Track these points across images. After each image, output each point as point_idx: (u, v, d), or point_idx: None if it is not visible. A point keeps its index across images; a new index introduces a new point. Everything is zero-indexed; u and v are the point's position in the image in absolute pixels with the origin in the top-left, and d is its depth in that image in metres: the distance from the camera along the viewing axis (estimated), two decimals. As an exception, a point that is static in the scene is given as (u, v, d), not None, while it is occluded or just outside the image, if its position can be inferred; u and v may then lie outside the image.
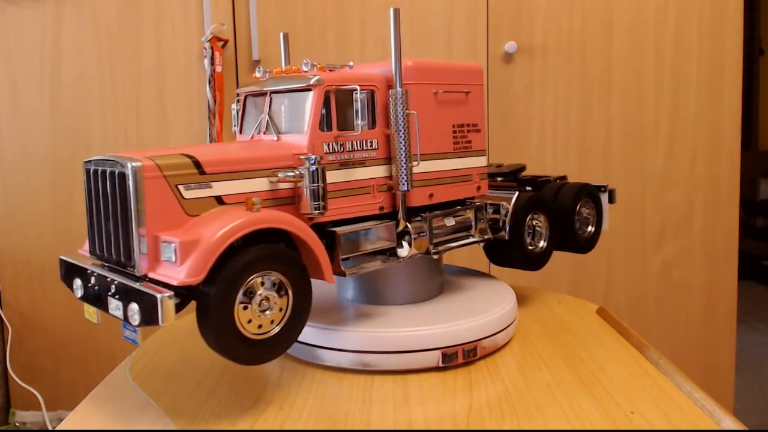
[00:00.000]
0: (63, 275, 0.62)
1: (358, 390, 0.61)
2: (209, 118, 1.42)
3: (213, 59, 1.40)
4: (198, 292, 0.52)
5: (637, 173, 1.47)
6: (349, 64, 0.68)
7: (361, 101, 0.62)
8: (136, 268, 0.53)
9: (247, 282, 0.53)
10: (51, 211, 1.50)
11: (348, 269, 0.63)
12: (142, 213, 0.53)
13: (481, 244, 0.77)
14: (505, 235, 0.75)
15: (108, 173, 0.55)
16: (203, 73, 1.43)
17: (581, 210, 0.83)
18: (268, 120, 0.66)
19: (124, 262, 0.55)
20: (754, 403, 1.92)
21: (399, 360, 0.64)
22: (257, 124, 0.67)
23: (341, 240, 0.62)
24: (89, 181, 0.58)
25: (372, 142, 0.65)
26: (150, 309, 0.50)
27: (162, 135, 1.47)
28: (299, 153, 0.61)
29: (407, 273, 0.73)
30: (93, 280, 0.57)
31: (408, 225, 0.67)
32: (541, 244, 0.79)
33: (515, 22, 1.43)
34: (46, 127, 1.48)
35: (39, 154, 1.49)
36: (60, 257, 0.62)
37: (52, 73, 1.47)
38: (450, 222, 0.71)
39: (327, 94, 0.62)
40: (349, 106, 0.63)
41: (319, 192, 0.59)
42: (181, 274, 0.50)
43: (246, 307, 0.53)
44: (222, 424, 0.55)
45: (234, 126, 0.71)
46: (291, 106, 0.65)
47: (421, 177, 0.68)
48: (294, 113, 0.64)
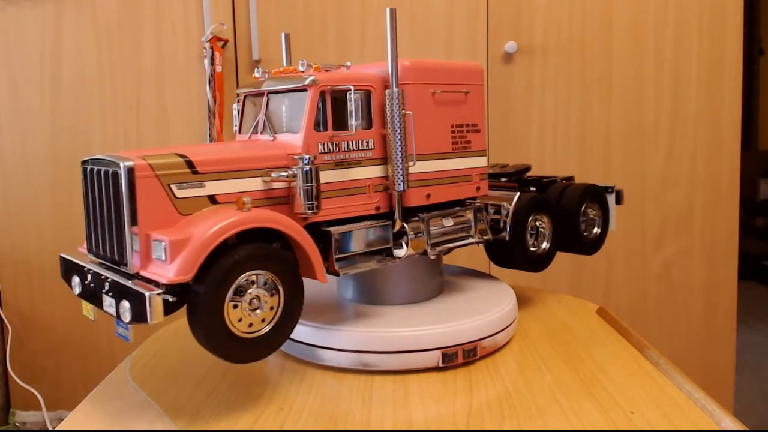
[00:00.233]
0: (63, 273, 0.63)
1: (358, 390, 0.61)
2: (209, 118, 1.42)
3: (213, 59, 1.40)
4: (189, 290, 0.52)
5: (637, 173, 1.47)
6: (347, 64, 0.68)
7: (356, 101, 0.62)
8: (128, 266, 0.54)
9: (238, 281, 0.53)
10: (51, 211, 1.50)
11: (341, 269, 0.63)
12: (135, 212, 0.53)
13: (480, 244, 0.77)
14: (505, 236, 0.74)
15: (103, 172, 0.56)
16: (203, 73, 1.43)
17: (587, 211, 0.82)
18: (264, 120, 0.66)
19: (117, 260, 0.55)
20: (754, 403, 1.92)
21: (399, 360, 0.64)
22: (254, 124, 0.67)
23: (335, 239, 0.62)
24: (86, 180, 0.59)
25: (368, 142, 0.65)
26: (139, 306, 0.50)
27: (162, 135, 1.47)
28: (294, 153, 0.61)
29: (407, 273, 0.73)
30: (89, 278, 0.58)
31: (405, 225, 0.67)
32: (544, 245, 0.79)
33: (515, 22, 1.43)
34: (46, 127, 1.48)
35: (39, 154, 1.49)
36: (60, 255, 0.63)
37: (52, 73, 1.47)
38: (448, 222, 0.71)
39: (322, 94, 0.62)
40: (345, 107, 0.63)
41: (313, 192, 0.59)
42: (171, 272, 0.51)
43: (236, 305, 0.53)
44: (222, 424, 0.55)
45: (235, 126, 0.71)
46: (287, 106, 0.65)
47: (418, 177, 0.67)
48: (290, 113, 0.65)
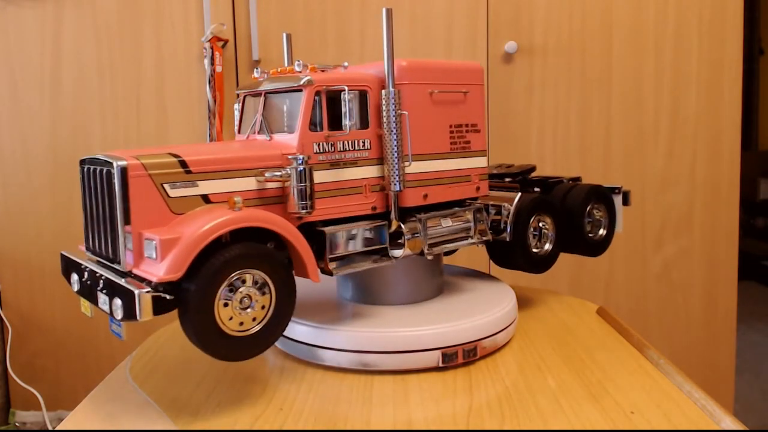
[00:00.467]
0: (63, 270, 0.63)
1: (358, 390, 0.61)
2: (209, 118, 1.42)
3: (213, 59, 1.40)
4: (180, 288, 0.53)
5: (637, 173, 1.47)
6: (344, 64, 0.68)
7: (350, 102, 0.62)
8: (121, 264, 0.55)
9: (228, 279, 0.54)
10: (51, 211, 1.50)
11: (335, 269, 0.63)
12: (128, 210, 0.54)
13: (480, 245, 0.77)
14: (506, 237, 0.74)
15: (98, 171, 0.57)
16: (203, 73, 1.43)
17: (593, 212, 0.82)
18: (261, 120, 0.66)
19: (112, 257, 0.56)
20: (754, 403, 1.92)
21: (399, 360, 0.64)
22: (252, 124, 0.68)
23: (329, 239, 0.62)
24: (83, 179, 0.59)
25: (364, 143, 0.65)
26: (130, 304, 0.51)
27: (162, 135, 1.47)
28: (288, 153, 0.61)
29: (407, 273, 0.73)
30: (86, 275, 0.58)
31: (401, 225, 0.67)
32: (547, 246, 0.78)
33: (515, 22, 1.43)
34: (46, 127, 1.48)
35: (39, 154, 1.49)
36: (61, 252, 0.64)
37: (52, 73, 1.47)
38: (447, 223, 0.70)
39: (317, 94, 0.63)
40: (341, 107, 0.63)
41: (307, 191, 0.59)
42: (161, 270, 0.51)
43: (227, 304, 0.54)
44: (222, 424, 0.55)
45: (236, 126, 0.72)
46: (283, 106, 0.65)
47: (414, 177, 0.67)
48: (286, 113, 0.65)
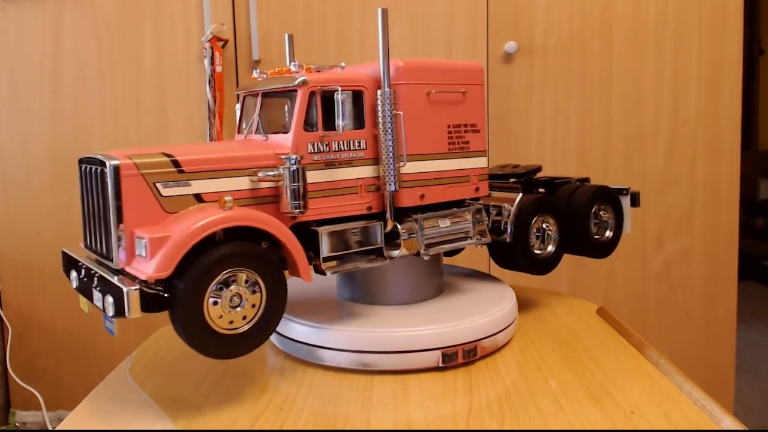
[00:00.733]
0: (64, 267, 0.64)
1: (358, 390, 0.61)
2: (209, 118, 1.42)
3: (213, 59, 1.40)
4: (170, 286, 0.54)
5: (637, 173, 1.47)
6: (341, 64, 0.69)
7: (343, 102, 0.63)
8: (114, 261, 0.55)
9: (218, 278, 0.54)
10: (51, 211, 1.50)
11: (328, 268, 0.63)
12: (120, 209, 0.55)
13: (479, 246, 0.77)
14: (507, 238, 0.74)
15: (93, 171, 0.57)
16: (203, 73, 1.43)
17: (599, 213, 0.81)
18: (258, 120, 0.66)
19: (106, 255, 0.57)
20: (754, 403, 1.92)
21: (399, 360, 0.64)
22: (250, 124, 0.68)
23: (323, 239, 0.63)
24: (81, 178, 0.60)
25: (360, 143, 0.65)
26: (119, 301, 0.52)
27: (162, 135, 1.47)
28: (282, 153, 0.61)
29: (407, 273, 0.73)
30: (83, 273, 0.59)
31: (397, 225, 0.67)
32: (549, 248, 0.77)
33: (515, 22, 1.43)
34: (46, 127, 1.48)
35: (39, 154, 1.49)
36: (62, 250, 0.65)
37: (52, 73, 1.47)
38: (445, 223, 0.70)
39: (312, 94, 0.63)
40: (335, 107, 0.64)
41: (299, 191, 0.59)
42: (150, 268, 0.52)
43: (216, 302, 0.54)
44: (222, 424, 0.55)
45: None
46: (279, 106, 0.66)
47: (411, 177, 0.67)
48: (281, 113, 0.65)
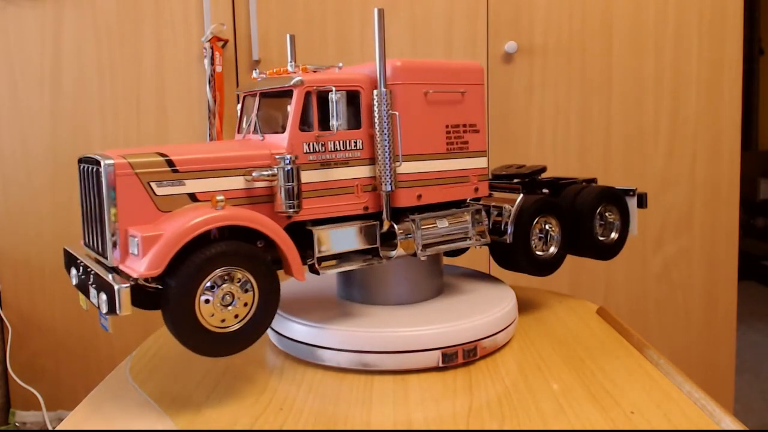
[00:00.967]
0: (65, 264, 0.65)
1: (358, 390, 0.61)
2: (209, 118, 1.42)
3: (213, 59, 1.40)
4: (163, 284, 0.54)
5: (637, 173, 1.47)
6: (338, 65, 0.69)
7: (337, 102, 0.63)
8: (109, 259, 0.56)
9: (209, 276, 0.54)
10: (51, 211, 1.50)
11: (322, 268, 0.63)
12: (115, 208, 0.55)
13: (479, 247, 0.77)
14: (507, 239, 0.74)
15: (90, 170, 0.58)
16: (203, 73, 1.43)
17: (605, 215, 0.80)
18: (255, 120, 0.67)
19: (102, 253, 0.57)
20: (754, 403, 1.92)
21: (399, 360, 0.64)
22: (248, 124, 0.68)
23: (316, 238, 0.63)
24: (80, 177, 0.61)
25: (356, 143, 0.65)
26: (111, 299, 0.52)
27: (162, 135, 1.47)
28: (278, 152, 0.61)
29: (407, 273, 0.73)
30: (81, 270, 0.60)
31: (394, 225, 0.67)
32: (552, 249, 0.76)
33: (515, 22, 1.43)
34: (46, 127, 1.48)
35: (39, 154, 1.49)
36: (64, 247, 0.65)
37: (52, 73, 1.47)
38: (443, 224, 0.70)
39: (308, 94, 0.63)
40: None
41: (294, 191, 0.60)
42: (142, 266, 0.52)
43: (208, 300, 0.55)
44: (222, 424, 0.55)
45: None
46: (276, 106, 0.66)
47: (408, 178, 0.67)
48: (279, 114, 0.65)
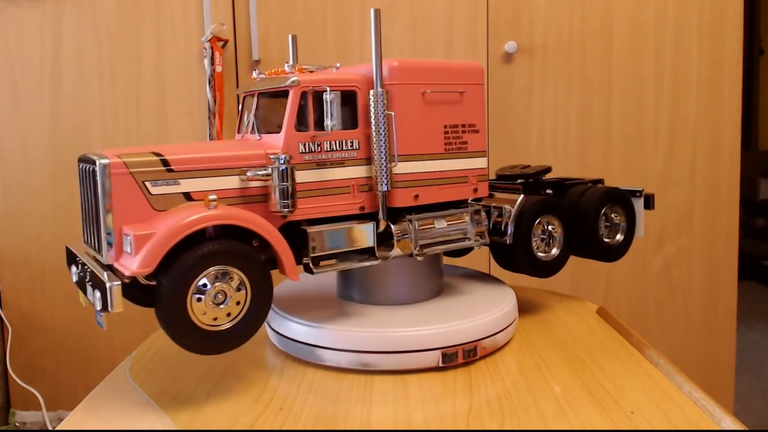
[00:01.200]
0: (67, 261, 0.66)
1: (358, 390, 0.61)
2: (209, 118, 1.42)
3: (213, 59, 1.40)
4: (156, 282, 0.55)
5: (637, 173, 1.47)
6: (336, 65, 0.69)
7: (331, 102, 0.63)
8: (103, 257, 0.57)
9: (201, 275, 0.55)
10: (51, 211, 1.50)
11: (316, 267, 0.63)
12: (110, 206, 0.56)
13: (478, 247, 0.77)
14: (507, 240, 0.73)
15: (88, 169, 0.59)
16: (203, 73, 1.43)
17: (611, 216, 0.80)
18: (253, 120, 0.67)
19: (98, 251, 0.58)
20: (754, 403, 1.92)
21: (399, 360, 0.64)
22: (246, 124, 0.69)
23: (311, 238, 0.63)
24: (79, 176, 0.62)
25: (353, 143, 0.66)
26: (104, 296, 0.53)
27: (162, 135, 1.47)
28: (273, 152, 0.62)
29: (407, 273, 0.73)
30: (80, 268, 0.61)
31: (390, 225, 0.67)
32: (554, 251, 0.76)
33: (515, 22, 1.43)
34: (46, 127, 1.48)
35: (39, 154, 1.49)
36: (66, 245, 0.66)
37: (52, 73, 1.47)
38: (441, 224, 0.70)
39: (303, 95, 0.63)
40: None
41: (288, 191, 0.60)
42: (134, 264, 0.53)
43: (200, 299, 0.55)
44: (222, 424, 0.55)
45: None
46: (274, 106, 0.66)
47: (405, 178, 0.67)
48: (274, 114, 0.66)
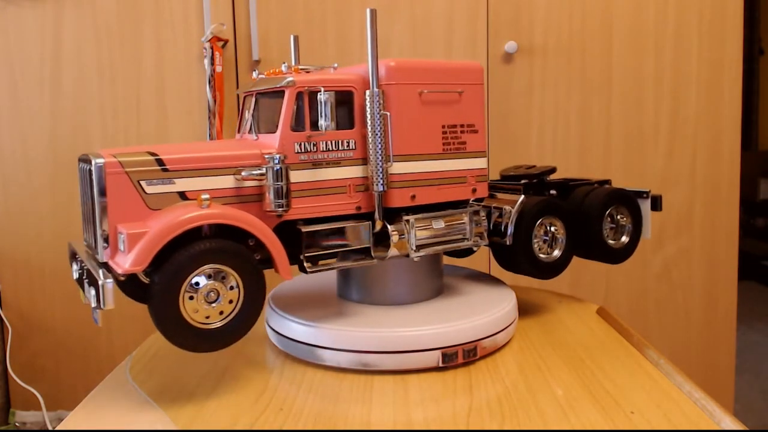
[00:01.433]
0: (69, 258, 0.67)
1: (358, 390, 0.61)
2: (209, 118, 1.42)
3: (213, 59, 1.40)
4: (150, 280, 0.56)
5: (637, 173, 1.47)
6: (334, 65, 0.69)
7: (325, 102, 0.63)
8: (99, 255, 0.58)
9: (193, 273, 0.55)
10: (51, 211, 1.50)
11: (310, 267, 0.64)
12: (105, 205, 0.57)
13: (477, 248, 0.77)
14: (506, 241, 0.73)
15: (84, 168, 0.60)
16: (203, 73, 1.43)
17: (617, 217, 0.79)
18: (251, 120, 0.68)
19: (95, 248, 0.59)
20: (754, 403, 1.92)
21: (399, 360, 0.64)
22: (245, 124, 0.70)
23: (306, 237, 0.63)
24: (79, 175, 0.62)
25: (349, 143, 0.66)
26: (98, 293, 0.54)
27: (162, 135, 1.47)
28: (268, 152, 0.62)
29: (407, 273, 0.73)
30: (79, 265, 0.62)
31: (387, 225, 0.67)
32: (556, 252, 0.75)
33: (515, 22, 1.43)
34: (46, 127, 1.48)
35: (39, 154, 1.49)
36: (68, 242, 0.67)
37: (52, 73, 1.47)
38: (438, 225, 0.70)
39: (299, 95, 0.64)
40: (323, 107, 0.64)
41: (282, 190, 0.60)
42: (127, 262, 0.54)
43: (192, 297, 0.56)
44: (222, 424, 0.55)
45: None
46: (270, 106, 0.66)
47: (401, 178, 0.67)
48: (271, 114, 0.66)
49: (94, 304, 0.55)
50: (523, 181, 0.80)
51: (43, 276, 1.52)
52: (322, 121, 0.63)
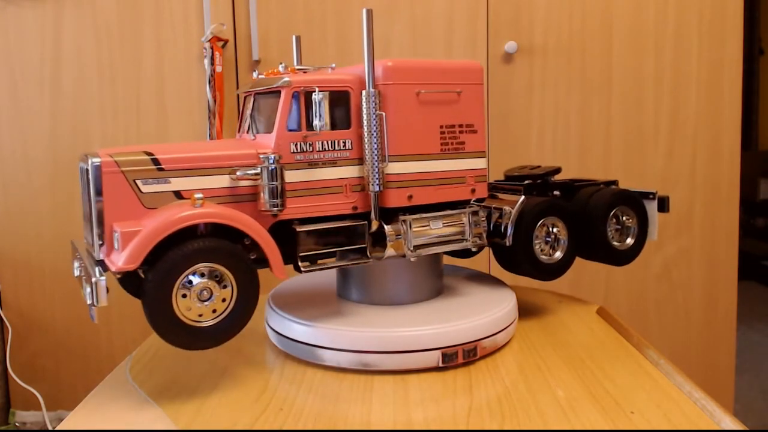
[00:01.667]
0: (72, 256, 0.67)
1: (358, 390, 0.61)
2: (209, 118, 1.42)
3: (213, 59, 1.40)
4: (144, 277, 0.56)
5: (637, 173, 1.47)
6: (332, 65, 0.69)
7: (320, 102, 0.63)
8: (96, 253, 0.58)
9: (186, 272, 0.56)
10: (51, 211, 1.50)
11: (305, 266, 0.64)
12: (101, 204, 0.58)
13: (476, 249, 0.77)
14: (506, 242, 0.73)
15: (83, 168, 0.61)
16: (203, 73, 1.43)
17: (622, 219, 0.78)
18: (249, 120, 0.68)
19: (92, 246, 0.60)
20: (754, 403, 1.92)
21: (399, 360, 0.64)
22: (243, 124, 0.70)
23: (300, 236, 0.63)
24: (80, 174, 0.63)
25: (345, 143, 0.66)
26: (92, 290, 0.55)
27: (162, 135, 1.47)
28: (263, 152, 0.62)
29: (407, 273, 0.73)
30: (80, 263, 0.62)
31: (383, 225, 0.67)
32: (557, 254, 0.75)
33: (515, 22, 1.43)
34: (46, 127, 1.48)
35: (39, 154, 1.49)
36: (71, 240, 0.68)
37: (52, 73, 1.47)
38: (436, 225, 0.70)
39: (295, 95, 0.64)
40: (319, 107, 0.64)
41: (277, 190, 0.61)
42: (120, 260, 0.54)
43: (185, 295, 0.56)
44: (222, 424, 0.55)
45: None
46: (268, 106, 0.67)
47: (398, 178, 0.67)
48: (268, 114, 0.66)
49: (89, 301, 0.56)
50: (526, 181, 0.79)
51: (43, 276, 1.52)
52: (316, 122, 0.63)
